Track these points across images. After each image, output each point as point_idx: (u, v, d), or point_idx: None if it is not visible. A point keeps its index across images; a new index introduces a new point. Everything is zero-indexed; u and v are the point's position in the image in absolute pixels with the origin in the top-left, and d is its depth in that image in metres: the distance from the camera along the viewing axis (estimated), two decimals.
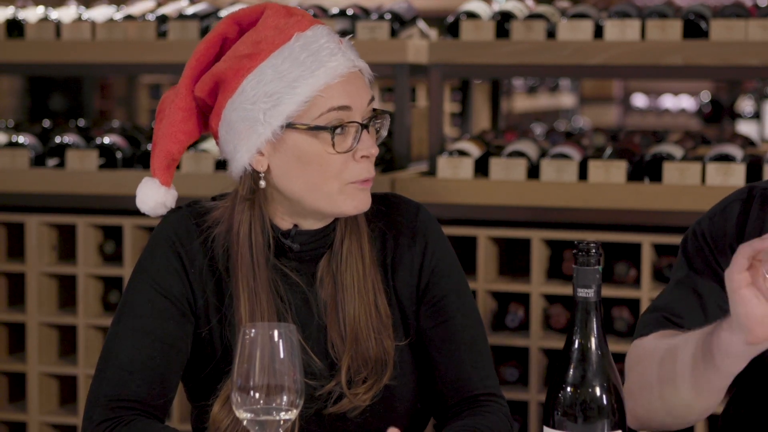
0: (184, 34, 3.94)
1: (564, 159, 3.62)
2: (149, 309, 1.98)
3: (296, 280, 2.02)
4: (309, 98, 1.93)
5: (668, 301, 2.00)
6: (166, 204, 2.05)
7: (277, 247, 2.02)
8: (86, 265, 3.86)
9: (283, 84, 1.93)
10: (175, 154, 2.02)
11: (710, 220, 2.01)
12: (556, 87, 10.42)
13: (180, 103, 2.01)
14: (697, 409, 1.86)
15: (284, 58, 1.94)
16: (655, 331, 1.96)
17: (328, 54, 1.95)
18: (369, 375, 2.00)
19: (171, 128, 2.01)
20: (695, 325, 1.90)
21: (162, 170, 2.03)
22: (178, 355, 1.99)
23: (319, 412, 2.01)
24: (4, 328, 4.03)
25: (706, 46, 3.56)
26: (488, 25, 3.73)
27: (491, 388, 2.04)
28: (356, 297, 2.00)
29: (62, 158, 3.95)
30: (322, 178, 1.95)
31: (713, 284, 1.97)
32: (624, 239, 3.55)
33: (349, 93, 1.95)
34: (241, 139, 1.96)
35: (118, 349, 1.97)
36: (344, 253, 2.02)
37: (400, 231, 2.08)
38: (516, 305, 3.72)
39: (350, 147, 1.95)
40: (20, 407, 3.99)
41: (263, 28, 1.97)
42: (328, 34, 1.98)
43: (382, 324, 2.01)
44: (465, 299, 2.08)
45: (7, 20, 4.16)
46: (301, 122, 1.94)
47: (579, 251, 1.62)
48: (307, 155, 1.95)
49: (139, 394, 1.94)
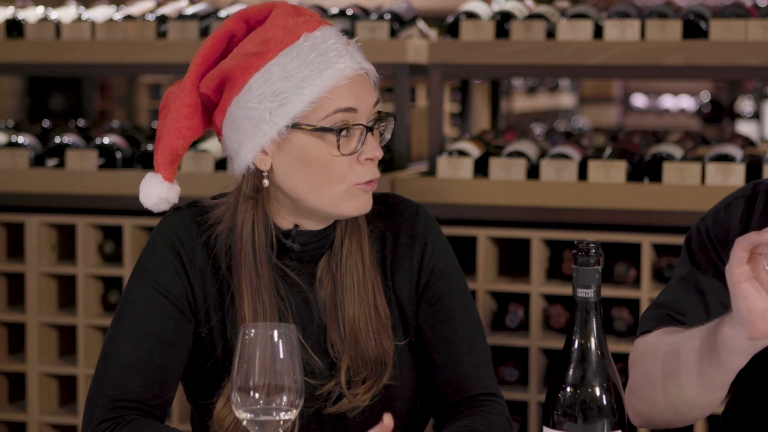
0: (184, 34, 3.94)
1: (564, 159, 3.62)
2: (149, 309, 1.98)
3: (296, 279, 2.02)
4: (316, 99, 1.92)
5: (671, 298, 2.00)
6: (169, 200, 2.04)
7: (277, 246, 2.02)
8: (86, 265, 3.86)
9: (290, 84, 1.93)
10: (179, 149, 2.01)
11: (714, 216, 2.01)
12: (556, 87, 10.42)
13: (185, 99, 2.00)
14: (700, 405, 1.86)
15: (292, 57, 1.94)
16: (658, 328, 1.96)
17: (336, 55, 1.94)
18: (368, 375, 2.00)
19: (175, 124, 2.00)
20: (697, 323, 1.89)
21: (166, 166, 2.02)
22: (178, 355, 1.99)
23: (319, 412, 2.01)
24: (4, 328, 4.03)
25: (706, 46, 3.56)
26: (488, 25, 3.73)
27: (490, 388, 2.05)
28: (356, 298, 2.00)
29: (62, 158, 3.95)
30: (327, 180, 1.95)
31: (716, 281, 1.97)
32: (624, 239, 3.55)
33: (356, 95, 1.95)
34: (246, 137, 1.96)
35: (118, 349, 1.97)
36: (344, 254, 2.02)
37: (400, 231, 2.08)
38: (516, 305, 3.72)
39: (355, 149, 1.94)
40: (20, 407, 3.98)
41: (272, 26, 1.96)
42: (337, 35, 1.98)
43: (382, 325, 2.01)
44: (464, 299, 2.09)
45: (6, 20, 4.16)
46: (307, 123, 1.94)
47: (579, 251, 1.62)
48: (311, 156, 1.95)
49: (140, 394, 1.94)
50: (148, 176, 2.03)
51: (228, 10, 4.01)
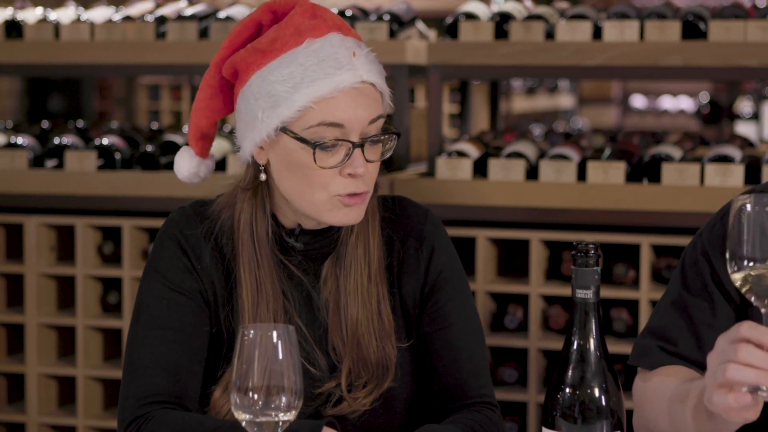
0: (183, 35, 3.94)
1: (563, 160, 3.62)
2: (164, 306, 2.00)
3: (300, 276, 2.03)
4: (302, 107, 1.92)
5: (661, 325, 2.00)
6: (200, 174, 2.09)
7: (282, 244, 2.03)
8: (85, 266, 3.86)
9: (284, 87, 1.93)
10: (203, 128, 2.05)
11: (710, 230, 2.00)
12: (555, 88, 10.41)
13: (209, 80, 2.03)
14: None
15: (291, 61, 1.93)
16: (657, 366, 1.96)
17: (332, 66, 1.93)
18: (369, 380, 2.01)
19: (200, 103, 2.04)
20: (688, 350, 1.92)
21: (195, 141, 2.07)
22: (198, 345, 2.01)
23: (319, 412, 2.01)
24: (3, 329, 4.02)
25: (705, 47, 3.56)
26: (487, 26, 3.73)
27: (487, 397, 2.06)
28: (359, 302, 2.01)
29: (61, 159, 3.95)
30: (308, 187, 1.95)
31: (704, 304, 1.97)
32: (623, 240, 3.55)
33: (346, 109, 1.92)
34: (246, 129, 1.99)
35: (139, 349, 1.99)
36: (348, 257, 2.03)
37: (408, 235, 2.08)
38: (515, 306, 3.72)
39: (337, 164, 1.93)
40: (19, 408, 3.98)
41: (286, 25, 1.96)
42: (341, 44, 1.95)
43: (385, 331, 2.02)
44: (467, 306, 2.10)
45: (5, 21, 4.15)
46: (292, 129, 1.94)
47: (578, 252, 1.62)
48: (295, 162, 1.95)
49: (165, 389, 1.96)
50: (182, 149, 2.10)
51: (227, 11, 4.01)
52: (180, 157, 2.09)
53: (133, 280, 3.78)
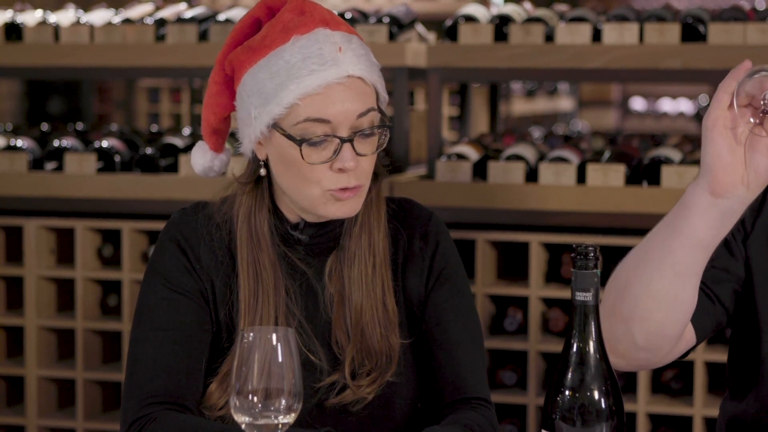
0: (183, 37, 3.94)
1: (562, 162, 3.62)
2: (165, 306, 2.02)
3: (305, 270, 2.04)
4: (289, 104, 1.94)
5: None
6: (214, 168, 2.11)
7: (285, 238, 2.04)
8: (84, 269, 3.86)
9: (272, 85, 1.95)
10: (213, 124, 2.08)
11: None
12: (555, 90, 10.40)
13: (215, 77, 2.05)
14: (668, 308, 1.84)
15: (278, 59, 1.95)
16: None
17: (317, 62, 1.94)
18: (373, 368, 2.02)
19: (208, 99, 2.07)
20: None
21: (207, 136, 2.09)
22: (199, 345, 2.02)
23: (321, 404, 2.02)
24: (3, 332, 4.02)
25: (705, 50, 3.56)
26: (487, 28, 3.73)
27: (483, 394, 2.07)
28: (363, 291, 2.03)
29: (60, 162, 3.95)
30: (302, 182, 1.98)
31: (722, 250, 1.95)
32: (622, 243, 3.55)
33: (332, 105, 1.94)
34: (243, 126, 2.02)
35: (141, 351, 2.00)
36: (353, 248, 2.04)
37: (414, 232, 2.11)
38: (514, 309, 3.72)
39: (326, 159, 1.95)
40: (18, 411, 3.98)
41: (276, 22, 1.98)
42: (326, 40, 1.96)
43: (389, 321, 2.04)
44: (468, 303, 2.12)
45: (5, 24, 4.16)
46: (281, 126, 1.96)
47: (577, 254, 1.62)
48: (287, 158, 1.97)
49: (167, 389, 1.97)
50: (198, 144, 2.11)
51: (227, 14, 4.01)
52: (195, 151, 2.12)
53: (133, 283, 3.78)
